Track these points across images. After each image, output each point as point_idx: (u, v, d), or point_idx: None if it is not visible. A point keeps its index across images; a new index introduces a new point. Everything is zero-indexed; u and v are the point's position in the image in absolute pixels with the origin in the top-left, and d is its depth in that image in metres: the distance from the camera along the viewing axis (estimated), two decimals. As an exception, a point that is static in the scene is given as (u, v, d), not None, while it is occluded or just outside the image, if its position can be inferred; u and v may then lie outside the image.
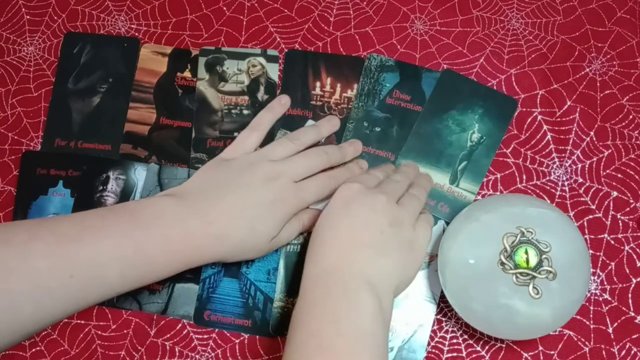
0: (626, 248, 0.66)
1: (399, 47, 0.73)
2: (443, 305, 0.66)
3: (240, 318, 0.66)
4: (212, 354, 0.65)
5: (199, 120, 0.71)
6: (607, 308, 0.65)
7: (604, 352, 0.64)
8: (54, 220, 0.52)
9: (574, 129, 0.70)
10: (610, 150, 0.69)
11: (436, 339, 0.65)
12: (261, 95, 0.72)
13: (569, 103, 0.70)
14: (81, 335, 0.66)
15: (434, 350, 0.65)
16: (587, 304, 0.65)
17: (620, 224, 0.67)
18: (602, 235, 0.67)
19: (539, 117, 0.70)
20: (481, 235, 0.59)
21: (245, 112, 0.71)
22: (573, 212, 0.67)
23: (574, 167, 0.69)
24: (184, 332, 0.66)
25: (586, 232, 0.67)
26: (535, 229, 0.58)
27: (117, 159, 0.70)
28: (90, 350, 0.66)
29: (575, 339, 0.64)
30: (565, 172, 0.69)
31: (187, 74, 0.73)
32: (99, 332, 0.66)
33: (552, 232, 0.58)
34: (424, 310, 0.65)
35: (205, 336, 0.66)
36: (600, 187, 0.68)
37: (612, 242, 0.66)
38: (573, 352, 0.64)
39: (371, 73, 0.72)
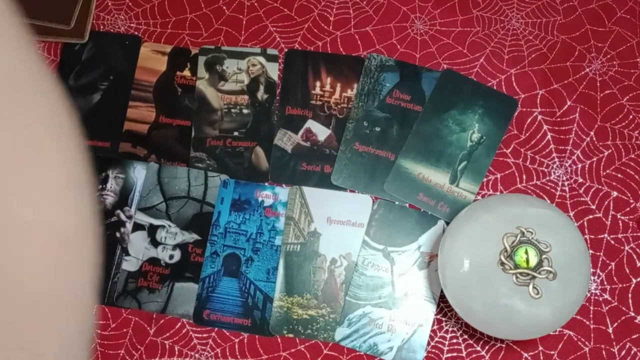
0: (626, 248, 0.66)
1: (399, 46, 0.73)
2: (443, 305, 0.66)
3: (239, 317, 0.66)
4: (212, 353, 0.65)
5: (198, 119, 0.71)
6: (607, 308, 0.65)
7: (604, 352, 0.64)
8: None
9: (574, 129, 0.70)
10: (610, 150, 0.69)
11: (436, 339, 0.65)
12: (261, 94, 0.72)
13: (569, 103, 0.70)
14: (80, 335, 0.66)
15: (433, 350, 0.65)
16: (587, 304, 0.65)
17: (620, 224, 0.67)
18: (602, 235, 0.67)
19: (539, 117, 0.70)
20: (481, 235, 0.59)
21: (245, 111, 0.71)
22: (573, 212, 0.67)
23: (574, 167, 0.69)
24: (184, 331, 0.66)
25: (586, 232, 0.67)
26: (535, 229, 0.58)
27: (117, 158, 0.70)
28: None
29: (575, 339, 0.64)
30: (565, 172, 0.69)
31: (186, 72, 0.73)
32: (99, 331, 0.66)
33: (552, 232, 0.58)
34: (424, 310, 0.65)
35: (205, 335, 0.66)
36: (600, 187, 0.68)
37: (612, 242, 0.66)
38: (573, 352, 0.64)
39: (371, 73, 0.71)
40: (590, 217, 0.67)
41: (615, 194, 0.68)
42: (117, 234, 0.68)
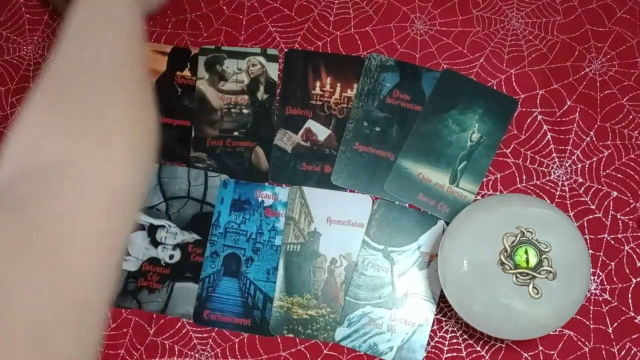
0: (626, 248, 0.66)
1: (399, 46, 0.73)
2: (443, 305, 0.66)
3: (239, 317, 0.66)
4: (212, 353, 0.65)
5: (198, 120, 0.71)
6: (607, 308, 0.65)
7: (603, 352, 0.64)
8: None
9: (574, 129, 0.70)
10: (610, 150, 0.69)
11: (436, 339, 0.65)
12: (261, 94, 0.72)
13: (569, 103, 0.70)
14: (80, 335, 0.66)
15: (433, 350, 0.65)
16: (587, 303, 0.65)
17: (620, 224, 0.67)
18: (602, 235, 0.67)
19: (539, 117, 0.70)
20: (481, 235, 0.59)
21: (245, 111, 0.71)
22: (573, 212, 0.67)
23: (574, 167, 0.69)
24: (184, 331, 0.66)
25: (586, 232, 0.67)
26: (535, 229, 0.58)
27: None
28: (89, 349, 0.65)
29: (575, 339, 0.64)
30: (565, 172, 0.69)
31: (186, 73, 0.73)
32: (98, 332, 0.66)
33: (552, 232, 0.58)
34: (424, 310, 0.65)
35: (205, 335, 0.66)
36: (600, 187, 0.68)
37: (612, 242, 0.66)
38: (573, 352, 0.64)
39: (371, 73, 0.71)
40: (590, 217, 0.67)
41: (615, 194, 0.68)
42: (117, 234, 0.68)
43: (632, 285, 0.65)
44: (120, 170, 0.40)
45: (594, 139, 0.69)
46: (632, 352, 0.64)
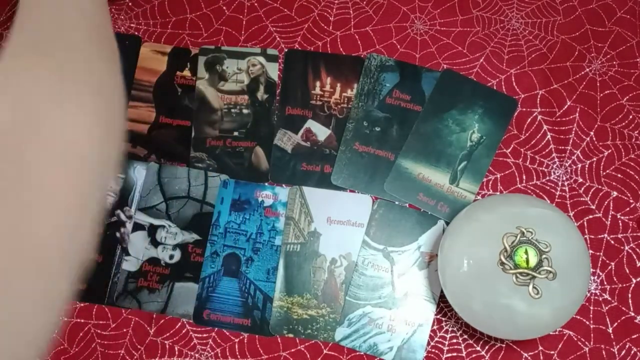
0: (626, 248, 0.66)
1: (399, 46, 0.73)
2: (443, 305, 0.66)
3: (239, 317, 0.66)
4: (212, 353, 0.65)
5: (198, 120, 0.71)
6: (607, 308, 0.65)
7: (603, 352, 0.64)
8: None
9: (574, 129, 0.70)
10: (610, 150, 0.69)
11: (436, 339, 0.65)
12: (261, 94, 0.72)
13: (569, 103, 0.70)
14: (81, 334, 0.66)
15: (433, 350, 0.65)
16: (587, 303, 0.65)
17: (620, 224, 0.67)
18: (602, 235, 0.67)
19: (539, 117, 0.70)
20: (481, 235, 0.59)
21: (245, 111, 0.71)
22: (573, 212, 0.67)
23: (574, 167, 0.69)
24: (184, 331, 0.66)
25: (586, 232, 0.67)
26: (535, 229, 0.58)
27: (117, 158, 0.70)
28: (90, 349, 0.65)
29: (575, 339, 0.64)
30: (565, 172, 0.69)
31: (186, 73, 0.73)
32: (99, 331, 0.66)
33: (552, 232, 0.58)
34: (424, 310, 0.65)
35: (205, 335, 0.66)
36: (600, 187, 0.68)
37: (612, 242, 0.66)
38: (573, 352, 0.64)
39: (371, 73, 0.71)
40: (590, 217, 0.67)
41: (615, 194, 0.68)
42: (117, 234, 0.68)
43: (632, 285, 0.65)
44: (88, 137, 0.39)
45: (594, 139, 0.69)
46: (632, 352, 0.64)
